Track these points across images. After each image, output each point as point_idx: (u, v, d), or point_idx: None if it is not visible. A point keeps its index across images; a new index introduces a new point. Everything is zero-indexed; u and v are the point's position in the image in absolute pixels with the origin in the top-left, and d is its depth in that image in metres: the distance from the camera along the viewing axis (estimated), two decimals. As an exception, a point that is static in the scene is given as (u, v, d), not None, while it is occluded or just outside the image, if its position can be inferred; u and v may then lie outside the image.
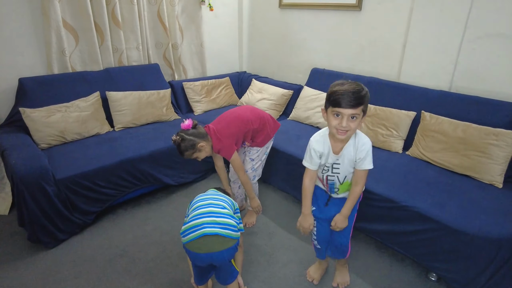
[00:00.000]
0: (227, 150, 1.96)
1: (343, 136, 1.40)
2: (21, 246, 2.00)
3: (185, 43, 3.37)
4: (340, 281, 1.78)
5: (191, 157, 1.91)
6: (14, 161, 1.89)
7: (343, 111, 1.33)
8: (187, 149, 1.86)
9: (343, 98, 1.31)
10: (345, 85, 1.33)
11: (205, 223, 1.43)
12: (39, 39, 2.50)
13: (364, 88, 1.34)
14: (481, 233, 1.54)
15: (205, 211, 1.48)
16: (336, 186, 1.58)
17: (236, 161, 2.00)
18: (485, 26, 2.14)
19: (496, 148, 1.94)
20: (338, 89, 1.33)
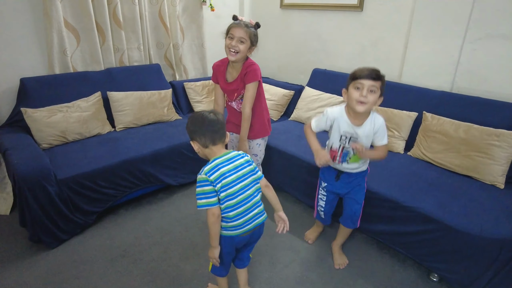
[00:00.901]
0: (257, 71, 1.91)
1: (363, 109, 1.53)
2: (23, 246, 2.00)
3: (186, 43, 3.37)
4: (340, 262, 1.93)
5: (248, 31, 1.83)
6: (16, 161, 1.88)
7: (364, 82, 1.51)
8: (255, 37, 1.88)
9: (363, 72, 1.51)
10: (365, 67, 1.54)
11: (254, 215, 1.45)
12: (41, 39, 2.50)
13: (380, 72, 1.53)
14: (483, 234, 1.54)
15: (251, 204, 1.44)
16: (350, 156, 1.69)
17: (253, 90, 1.92)
18: (486, 27, 2.15)
19: (498, 149, 1.94)
20: (360, 68, 1.54)
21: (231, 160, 1.40)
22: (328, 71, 3.06)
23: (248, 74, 1.89)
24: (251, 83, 1.90)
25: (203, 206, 1.33)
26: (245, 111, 1.95)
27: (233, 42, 1.82)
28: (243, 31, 1.81)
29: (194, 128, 1.39)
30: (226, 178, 1.35)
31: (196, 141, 1.40)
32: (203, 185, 1.33)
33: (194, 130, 1.39)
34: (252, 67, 1.90)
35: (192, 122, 1.40)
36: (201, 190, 1.33)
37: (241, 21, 1.85)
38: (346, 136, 1.66)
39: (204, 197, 1.33)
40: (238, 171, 1.40)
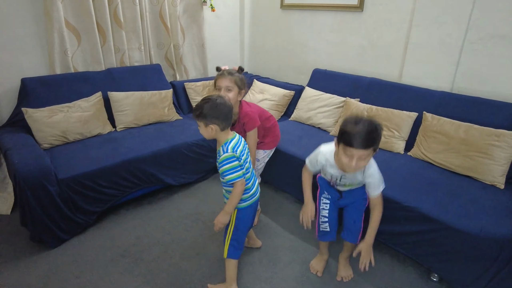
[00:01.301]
0: (254, 118, 1.95)
1: (351, 173, 1.50)
2: (23, 246, 2.01)
3: (186, 44, 3.38)
4: (344, 275, 1.84)
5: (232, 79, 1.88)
6: (17, 161, 1.89)
7: (354, 152, 1.34)
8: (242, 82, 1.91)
9: (355, 139, 1.32)
10: (359, 124, 1.33)
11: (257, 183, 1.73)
12: (42, 39, 2.51)
13: (377, 128, 1.34)
14: (483, 234, 1.54)
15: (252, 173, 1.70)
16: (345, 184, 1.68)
17: (254, 136, 2.00)
18: (487, 27, 2.15)
19: (498, 149, 1.95)
20: (351, 129, 1.33)
21: (239, 141, 1.60)
22: (329, 71, 3.06)
23: (247, 124, 1.96)
24: (251, 131, 1.98)
25: (235, 179, 1.52)
26: (252, 154, 2.03)
27: (221, 93, 1.88)
28: (227, 80, 1.87)
29: (216, 113, 1.50)
30: (242, 155, 1.57)
31: (216, 125, 1.51)
32: (231, 161, 1.51)
33: (217, 115, 1.50)
34: (248, 118, 1.95)
35: (213, 108, 1.50)
36: (230, 166, 1.51)
37: (224, 70, 1.91)
38: (336, 178, 1.65)
39: (234, 171, 1.51)
40: (244, 148, 1.62)
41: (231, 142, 1.55)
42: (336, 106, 2.76)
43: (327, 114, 2.78)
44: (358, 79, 2.80)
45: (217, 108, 1.51)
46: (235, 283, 1.72)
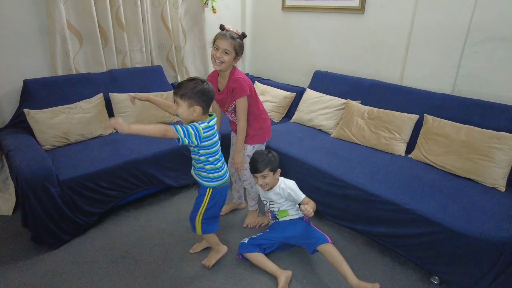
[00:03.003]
0: (244, 86, 1.90)
1: (266, 189, 1.95)
2: (25, 247, 2.01)
3: (188, 45, 3.39)
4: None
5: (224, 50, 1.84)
6: (19, 162, 1.90)
7: (256, 175, 1.91)
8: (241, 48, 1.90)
9: (253, 167, 1.90)
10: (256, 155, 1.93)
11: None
12: (44, 41, 2.52)
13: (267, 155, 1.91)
14: (484, 237, 1.54)
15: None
16: (276, 214, 2.00)
17: (244, 103, 1.94)
18: (488, 30, 2.15)
19: (499, 152, 1.95)
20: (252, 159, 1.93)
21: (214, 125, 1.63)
22: (330, 73, 3.06)
23: (236, 90, 1.91)
24: (240, 98, 1.92)
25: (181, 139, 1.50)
26: (239, 124, 1.99)
27: (218, 53, 1.85)
28: (228, 42, 1.83)
29: (203, 97, 1.51)
30: (215, 135, 1.63)
31: (200, 107, 1.52)
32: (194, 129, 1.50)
33: (204, 99, 1.52)
34: (239, 83, 1.90)
35: (202, 91, 1.51)
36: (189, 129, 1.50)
37: (227, 31, 1.87)
38: (266, 201, 2.02)
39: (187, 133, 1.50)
40: (216, 133, 1.65)
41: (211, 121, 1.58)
42: (337, 108, 2.76)
43: (328, 116, 2.78)
44: (359, 81, 2.80)
45: (206, 92, 1.52)
46: (221, 244, 1.91)
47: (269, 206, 2.01)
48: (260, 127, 2.11)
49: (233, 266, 1.93)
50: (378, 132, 2.42)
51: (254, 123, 2.07)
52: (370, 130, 2.47)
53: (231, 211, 2.43)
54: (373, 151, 2.39)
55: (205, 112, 1.57)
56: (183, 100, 1.50)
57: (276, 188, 1.94)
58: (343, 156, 2.30)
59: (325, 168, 2.18)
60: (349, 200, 2.04)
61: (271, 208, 2.00)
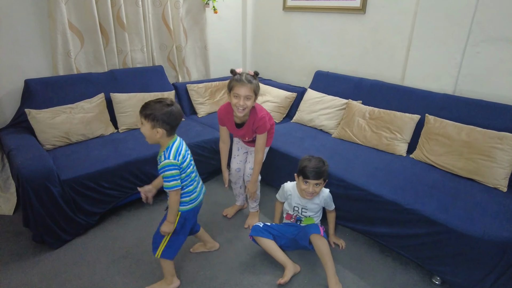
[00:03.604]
0: (265, 122, 1.96)
1: (309, 198, 1.90)
2: (26, 246, 2.01)
3: (189, 45, 3.39)
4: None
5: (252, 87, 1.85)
6: (20, 162, 1.90)
7: (310, 181, 1.83)
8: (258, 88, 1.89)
9: (310, 173, 1.81)
10: (312, 161, 1.84)
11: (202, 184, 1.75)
12: (45, 40, 2.52)
13: (325, 164, 1.86)
14: (486, 237, 1.54)
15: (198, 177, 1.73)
16: (302, 220, 2.01)
17: (264, 139, 2.00)
18: (489, 30, 2.15)
19: (501, 152, 1.94)
20: (307, 164, 1.83)
21: (181, 143, 1.60)
22: (331, 73, 3.06)
23: (259, 128, 1.96)
24: (262, 134, 1.99)
25: (174, 187, 1.52)
26: (258, 156, 2.05)
27: (240, 102, 1.84)
28: (247, 88, 1.82)
29: (169, 119, 1.48)
30: (186, 159, 1.57)
31: (164, 129, 1.49)
32: (171, 168, 1.50)
33: (169, 122, 1.49)
34: (263, 121, 1.95)
35: (168, 114, 1.48)
36: (171, 173, 1.50)
37: (241, 76, 1.84)
38: (298, 207, 1.98)
39: (173, 179, 1.51)
40: (187, 151, 1.62)
41: (173, 146, 1.52)
42: (338, 108, 2.76)
43: (329, 116, 2.78)
44: (361, 81, 2.80)
45: (171, 115, 1.48)
46: (175, 277, 1.76)
47: (301, 212, 1.98)
48: (270, 136, 2.17)
49: (235, 265, 1.92)
50: (380, 132, 2.42)
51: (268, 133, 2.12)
52: (372, 130, 2.46)
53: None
54: (374, 151, 2.39)
55: (170, 134, 1.53)
56: (147, 120, 1.48)
57: (316, 198, 1.93)
58: (344, 156, 2.30)
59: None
60: (351, 200, 2.04)
61: (303, 214, 1.98)
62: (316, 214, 1.98)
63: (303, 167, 1.83)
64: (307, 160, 1.86)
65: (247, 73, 1.87)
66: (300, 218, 2.00)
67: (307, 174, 1.81)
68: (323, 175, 1.84)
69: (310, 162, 1.84)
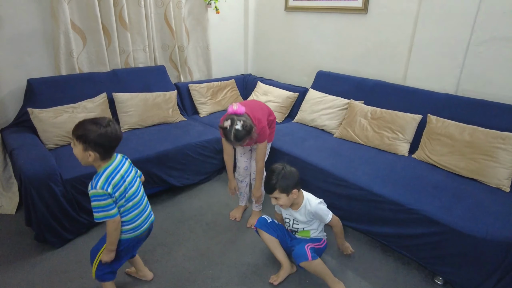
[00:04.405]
0: (265, 132, 1.98)
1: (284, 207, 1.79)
2: (28, 246, 2.02)
3: (191, 45, 3.39)
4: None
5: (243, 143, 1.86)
6: (22, 161, 1.90)
7: (270, 195, 1.74)
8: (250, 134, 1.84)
9: (265, 188, 1.74)
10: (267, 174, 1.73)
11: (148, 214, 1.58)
12: (48, 40, 2.53)
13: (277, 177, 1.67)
14: (489, 237, 1.53)
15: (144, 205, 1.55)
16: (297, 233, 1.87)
17: (264, 148, 2.04)
18: (492, 30, 2.14)
19: (503, 152, 1.94)
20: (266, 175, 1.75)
21: (118, 168, 1.43)
22: (333, 73, 3.06)
23: (259, 136, 1.96)
24: (262, 143, 2.01)
25: (103, 218, 1.37)
26: (259, 165, 2.08)
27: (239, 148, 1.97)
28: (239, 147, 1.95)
29: (103, 142, 1.34)
30: (119, 188, 1.40)
31: (96, 152, 1.34)
32: (99, 199, 1.34)
33: (102, 144, 1.34)
34: (264, 131, 1.98)
35: (102, 136, 1.33)
36: (97, 204, 1.35)
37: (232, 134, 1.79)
38: (288, 219, 1.86)
39: (101, 210, 1.36)
40: (126, 177, 1.45)
41: (103, 174, 1.36)
42: (340, 108, 2.76)
43: (331, 116, 2.78)
44: (362, 81, 2.80)
45: (105, 138, 1.33)
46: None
47: (292, 224, 1.84)
48: (272, 131, 2.18)
49: (237, 265, 1.92)
50: (381, 132, 2.42)
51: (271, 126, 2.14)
52: (373, 130, 2.46)
53: None
54: (376, 151, 2.38)
55: (104, 157, 1.38)
56: (79, 142, 1.33)
57: (302, 208, 1.77)
58: (346, 156, 2.30)
59: (328, 168, 2.17)
60: (352, 200, 2.04)
61: (294, 227, 1.84)
62: (310, 227, 1.81)
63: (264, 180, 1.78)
64: (269, 171, 1.75)
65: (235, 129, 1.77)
66: (294, 230, 1.86)
67: (264, 187, 1.76)
68: (277, 187, 1.66)
69: (267, 174, 1.73)
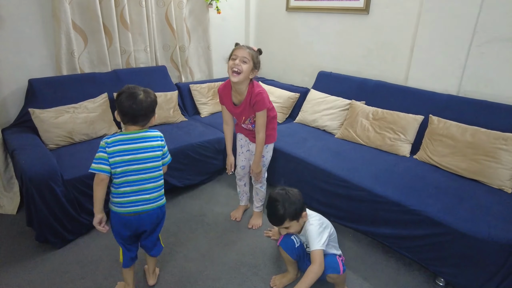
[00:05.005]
0: (263, 98, 1.91)
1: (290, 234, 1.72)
2: (29, 246, 2.02)
3: (192, 46, 3.39)
4: None
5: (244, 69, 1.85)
6: (23, 161, 1.90)
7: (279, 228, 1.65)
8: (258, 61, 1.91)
9: (272, 221, 1.62)
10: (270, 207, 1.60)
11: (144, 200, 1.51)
12: (49, 40, 2.53)
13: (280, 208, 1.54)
14: (491, 238, 1.53)
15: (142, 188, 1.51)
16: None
17: (264, 117, 1.96)
18: (494, 31, 2.14)
19: (505, 153, 1.93)
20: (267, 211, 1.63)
21: (135, 141, 1.48)
22: (334, 73, 3.06)
23: (257, 103, 1.92)
24: (261, 111, 1.94)
25: (96, 170, 1.43)
26: (259, 136, 2.00)
27: (236, 61, 1.84)
28: (246, 51, 1.85)
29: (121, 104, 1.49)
30: (120, 156, 1.44)
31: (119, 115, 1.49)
32: (102, 151, 1.44)
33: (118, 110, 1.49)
34: (260, 96, 1.91)
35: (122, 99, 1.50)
36: (99, 155, 1.44)
37: (243, 45, 1.91)
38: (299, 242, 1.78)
39: (99, 162, 1.43)
40: (137, 153, 1.48)
41: (116, 136, 1.47)
42: (342, 108, 2.76)
43: (332, 116, 2.78)
44: (364, 81, 2.80)
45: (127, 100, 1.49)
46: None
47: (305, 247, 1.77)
48: (273, 127, 2.12)
49: (238, 266, 1.92)
50: (383, 133, 2.41)
51: (269, 124, 2.07)
52: (375, 130, 2.45)
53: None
54: (377, 152, 2.38)
55: (124, 122, 1.51)
56: None
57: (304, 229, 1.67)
58: (347, 157, 2.29)
59: (330, 168, 2.17)
60: (354, 201, 2.03)
61: (308, 250, 1.73)
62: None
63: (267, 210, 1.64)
64: (268, 203, 1.62)
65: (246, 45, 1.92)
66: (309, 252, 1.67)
67: (269, 219, 1.63)
68: (284, 220, 1.55)
69: (269, 208, 1.60)
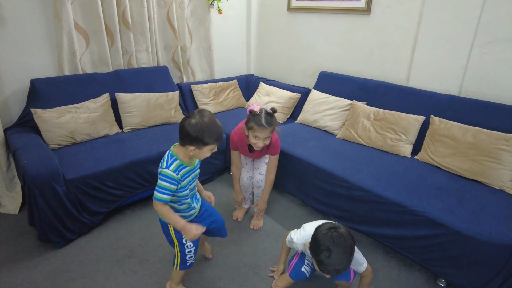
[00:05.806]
0: (278, 144, 2.07)
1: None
2: (31, 245, 2.02)
3: (193, 46, 3.39)
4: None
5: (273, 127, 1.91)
6: (25, 161, 1.91)
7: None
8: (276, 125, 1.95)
9: (328, 272, 1.34)
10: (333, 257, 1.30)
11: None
12: (51, 41, 2.54)
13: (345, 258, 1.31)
14: (492, 239, 1.52)
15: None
16: None
17: (276, 161, 2.11)
18: (495, 31, 2.13)
19: (507, 154, 1.93)
20: (324, 261, 1.31)
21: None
22: (335, 74, 3.06)
23: (273, 148, 2.05)
24: (275, 155, 2.09)
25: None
26: (270, 177, 2.15)
27: (260, 143, 1.92)
28: (268, 131, 1.89)
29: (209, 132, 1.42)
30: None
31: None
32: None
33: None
34: (278, 143, 2.06)
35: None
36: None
37: (260, 118, 1.85)
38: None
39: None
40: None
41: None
42: (343, 109, 2.75)
43: (333, 117, 2.77)
44: (365, 82, 2.79)
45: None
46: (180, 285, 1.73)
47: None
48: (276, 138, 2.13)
49: (239, 266, 1.92)
50: (384, 133, 2.41)
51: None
52: (376, 131, 2.45)
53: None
54: (379, 152, 2.38)
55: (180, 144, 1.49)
56: None
57: None
58: (348, 157, 2.29)
59: (331, 169, 2.16)
60: (355, 201, 2.03)
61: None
62: None
63: (319, 262, 1.34)
64: (325, 250, 1.31)
65: (266, 112, 1.88)
66: None
67: (323, 270, 1.36)
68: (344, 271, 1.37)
69: (330, 258, 1.30)
